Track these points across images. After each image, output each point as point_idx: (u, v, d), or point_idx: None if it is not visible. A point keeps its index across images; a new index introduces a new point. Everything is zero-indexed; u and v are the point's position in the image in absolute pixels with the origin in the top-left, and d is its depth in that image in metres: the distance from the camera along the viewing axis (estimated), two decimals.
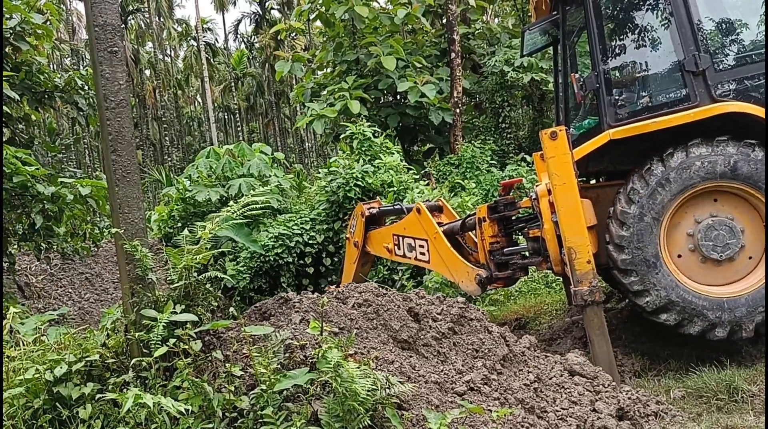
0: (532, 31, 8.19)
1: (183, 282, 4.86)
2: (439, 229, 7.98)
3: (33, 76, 9.58)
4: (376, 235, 9.21)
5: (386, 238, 8.89)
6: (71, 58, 54.49)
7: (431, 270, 9.55)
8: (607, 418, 5.25)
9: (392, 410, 4.22)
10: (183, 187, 16.96)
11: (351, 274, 9.52)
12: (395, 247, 8.72)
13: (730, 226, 6.40)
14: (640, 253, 6.46)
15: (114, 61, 4.86)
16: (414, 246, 8.39)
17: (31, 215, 7.70)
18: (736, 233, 6.39)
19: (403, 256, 8.63)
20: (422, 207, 8.18)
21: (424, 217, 8.15)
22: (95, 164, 53.13)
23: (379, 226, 9.30)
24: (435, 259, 8.10)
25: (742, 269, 6.48)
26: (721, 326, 6.31)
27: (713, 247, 6.42)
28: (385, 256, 9.17)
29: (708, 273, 6.51)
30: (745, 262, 6.47)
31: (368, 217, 9.26)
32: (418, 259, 8.40)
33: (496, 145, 18.78)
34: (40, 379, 4.46)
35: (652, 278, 6.42)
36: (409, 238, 8.46)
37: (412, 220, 8.35)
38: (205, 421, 4.19)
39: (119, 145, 4.85)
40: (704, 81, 6.43)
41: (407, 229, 8.49)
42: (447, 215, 8.64)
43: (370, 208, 9.34)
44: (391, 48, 18.15)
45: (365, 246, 9.36)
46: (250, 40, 66.01)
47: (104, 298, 14.86)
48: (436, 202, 8.78)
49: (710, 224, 6.44)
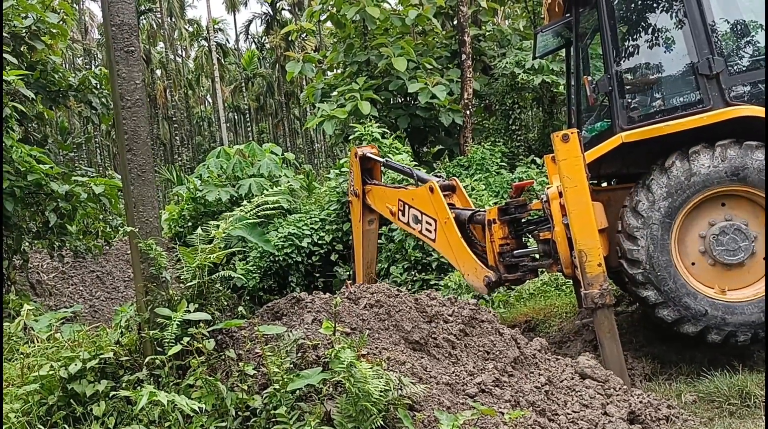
0: (544, 33, 8.18)
1: (196, 281, 4.88)
2: (451, 215, 7.79)
3: (48, 75, 9.67)
4: (378, 192, 9.00)
5: (391, 200, 8.66)
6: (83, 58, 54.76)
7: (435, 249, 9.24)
8: (619, 421, 5.24)
9: (404, 411, 4.23)
10: (194, 186, 17.05)
11: (360, 235, 9.38)
12: (399, 212, 8.51)
13: (743, 230, 6.38)
14: (652, 265, 6.45)
15: (131, 61, 4.89)
16: (420, 220, 8.21)
17: (45, 213, 7.76)
18: (749, 237, 6.37)
19: (407, 224, 8.44)
20: (436, 187, 7.94)
21: (436, 199, 7.93)
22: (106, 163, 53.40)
23: (374, 178, 9.15)
24: (442, 242, 7.97)
25: (754, 272, 6.46)
26: (742, 332, 6.30)
27: (725, 252, 6.40)
28: (386, 216, 8.92)
29: (721, 278, 6.50)
30: (758, 265, 6.45)
31: (362, 158, 9.08)
32: (423, 234, 8.21)
33: (506, 147, 18.74)
34: (55, 376, 4.49)
35: (667, 290, 6.41)
36: (416, 209, 8.26)
37: (423, 197, 8.12)
38: (218, 420, 4.21)
39: (135, 145, 4.88)
40: (718, 84, 6.42)
41: (416, 201, 8.26)
42: (459, 196, 8.38)
43: (365, 150, 9.17)
44: (402, 49, 18.15)
45: (366, 199, 9.13)
46: (260, 40, 66.17)
47: (115, 297, 14.94)
48: (449, 182, 8.48)
49: (721, 229, 6.42)
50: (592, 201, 6.39)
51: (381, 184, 9.18)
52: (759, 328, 6.27)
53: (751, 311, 6.28)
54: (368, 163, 9.20)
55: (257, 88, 62.62)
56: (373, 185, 9.10)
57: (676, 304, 6.39)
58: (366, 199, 9.14)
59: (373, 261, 9.56)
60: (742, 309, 6.30)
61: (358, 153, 9.15)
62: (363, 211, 9.24)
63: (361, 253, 9.40)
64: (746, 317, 6.28)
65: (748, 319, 6.27)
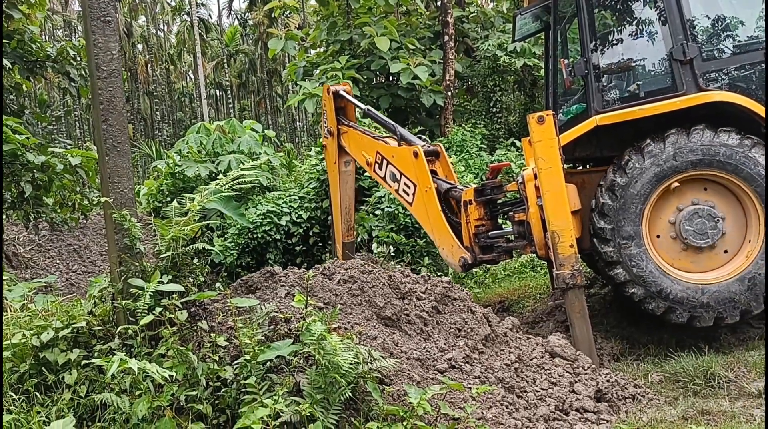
0: (524, 16, 8.20)
1: (170, 253, 4.90)
2: (433, 185, 7.62)
3: (25, 45, 9.53)
4: (355, 137, 8.66)
5: (368, 149, 8.39)
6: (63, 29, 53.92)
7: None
8: (586, 399, 5.37)
9: (373, 384, 4.30)
10: (173, 161, 16.94)
11: (336, 178, 9.05)
12: (376, 164, 8.26)
13: (711, 213, 6.50)
14: (622, 244, 6.55)
15: (107, 31, 4.86)
16: (399, 179, 7.98)
17: (20, 184, 7.70)
18: (717, 220, 6.48)
19: (383, 179, 8.23)
20: (420, 153, 7.71)
21: (420, 165, 7.71)
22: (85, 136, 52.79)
23: (348, 118, 8.87)
24: (419, 209, 7.83)
25: (723, 255, 6.58)
26: (707, 313, 6.42)
27: (694, 234, 6.51)
28: (361, 163, 8.66)
29: (690, 260, 6.62)
30: (726, 247, 6.58)
31: (335, 95, 8.75)
32: (400, 194, 8.02)
33: (486, 129, 18.79)
34: (27, 344, 4.50)
35: (636, 268, 6.52)
36: (395, 168, 8.03)
37: (406, 159, 7.87)
38: (189, 389, 4.25)
39: (110, 115, 4.87)
40: (691, 70, 6.51)
41: (397, 160, 8.01)
42: (442, 164, 8.13)
43: (338, 88, 8.81)
44: (385, 29, 18.07)
45: (341, 140, 8.80)
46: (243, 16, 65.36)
47: (92, 270, 14.86)
48: (433, 147, 8.17)
49: (691, 212, 6.53)
50: (566, 183, 6.48)
51: (358, 127, 8.81)
52: (722, 311, 6.40)
53: (717, 293, 6.41)
54: (341, 102, 8.88)
55: (239, 65, 61.99)
56: (350, 128, 8.76)
57: (643, 282, 6.51)
58: (341, 140, 8.84)
59: (351, 206, 9.26)
60: (708, 290, 6.42)
61: (331, 89, 8.78)
62: (338, 152, 8.93)
63: (338, 197, 9.14)
64: (711, 298, 6.41)
65: (712, 300, 6.40)
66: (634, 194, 6.52)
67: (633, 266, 6.51)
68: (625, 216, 6.53)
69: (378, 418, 4.23)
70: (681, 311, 6.45)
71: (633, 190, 6.52)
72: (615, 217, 6.56)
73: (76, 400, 4.30)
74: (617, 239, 6.56)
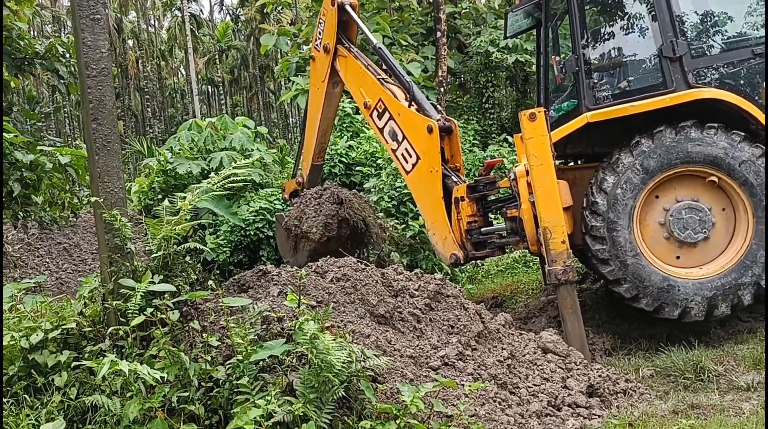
0: (516, 13, 8.19)
1: (162, 252, 4.87)
2: (440, 168, 7.14)
3: (13, 42, 9.45)
4: (356, 69, 7.73)
5: (369, 90, 7.58)
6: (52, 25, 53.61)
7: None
8: (578, 394, 5.38)
9: (367, 382, 4.30)
10: (164, 159, 16.85)
11: (320, 98, 8.17)
12: (375, 112, 7.51)
13: (701, 209, 6.52)
14: (614, 241, 6.57)
15: (96, 29, 4.83)
16: (400, 141, 7.34)
17: (8, 183, 7.65)
18: (707, 216, 6.51)
19: (380, 131, 7.54)
20: (436, 129, 7.07)
21: (432, 143, 7.11)
22: (75, 134, 52.53)
23: (349, 40, 7.91)
24: (417, 183, 7.39)
25: (713, 250, 6.62)
26: (698, 308, 6.45)
27: (685, 230, 6.54)
28: (355, 98, 7.81)
29: (681, 255, 6.64)
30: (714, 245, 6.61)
31: (340, 8, 7.80)
32: (398, 157, 7.43)
33: (479, 125, 18.82)
34: (16, 346, 4.46)
35: (627, 266, 6.53)
36: (398, 126, 7.37)
37: (417, 128, 7.20)
38: (181, 390, 4.23)
39: (100, 114, 4.84)
40: (681, 67, 6.53)
41: (403, 122, 7.33)
42: (452, 142, 7.45)
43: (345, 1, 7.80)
44: (378, 25, 18.04)
45: (336, 61, 7.90)
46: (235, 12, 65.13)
47: (82, 269, 14.81)
48: (449, 124, 7.38)
49: (682, 208, 6.56)
50: (557, 179, 6.48)
51: (362, 57, 7.84)
52: (713, 306, 6.43)
53: (706, 288, 6.44)
54: (345, 17, 7.94)
55: (231, 61, 61.79)
56: (351, 54, 7.82)
57: (634, 279, 6.53)
58: (336, 62, 7.97)
59: (329, 129, 8.69)
60: (700, 285, 6.45)
61: (336, 1, 7.79)
62: (330, 72, 8.07)
63: (319, 118, 8.39)
64: (701, 293, 6.43)
65: (703, 295, 6.43)
66: (624, 192, 6.53)
67: (624, 263, 6.53)
68: (616, 214, 6.55)
69: (371, 416, 4.23)
70: (672, 307, 6.47)
71: (623, 188, 6.53)
72: (606, 215, 6.57)
73: (67, 402, 4.27)
74: (609, 237, 6.57)
